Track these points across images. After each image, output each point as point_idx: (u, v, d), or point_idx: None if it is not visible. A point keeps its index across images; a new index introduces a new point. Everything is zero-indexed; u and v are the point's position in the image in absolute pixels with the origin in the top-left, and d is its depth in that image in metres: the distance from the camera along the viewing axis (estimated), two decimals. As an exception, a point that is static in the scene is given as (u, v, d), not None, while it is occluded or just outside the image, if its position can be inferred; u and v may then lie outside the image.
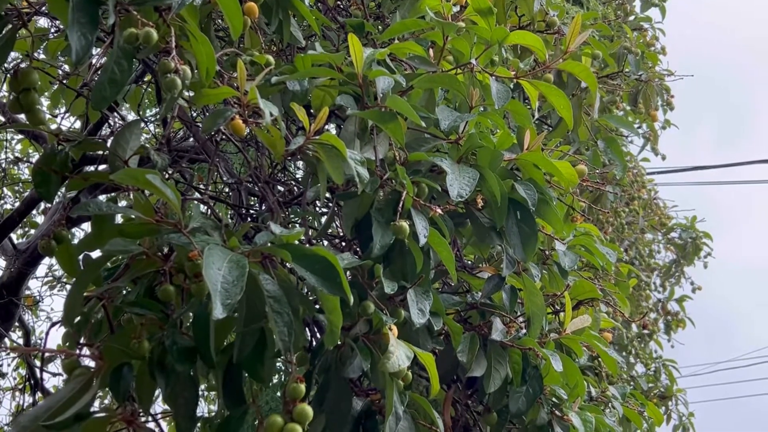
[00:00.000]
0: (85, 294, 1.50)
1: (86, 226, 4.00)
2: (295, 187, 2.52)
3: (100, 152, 2.20)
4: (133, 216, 1.44)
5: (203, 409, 4.75)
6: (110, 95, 1.38)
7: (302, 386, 1.39)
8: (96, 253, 1.54)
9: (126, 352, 1.40)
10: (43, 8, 1.71)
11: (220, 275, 1.25)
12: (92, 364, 1.42)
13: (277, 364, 3.18)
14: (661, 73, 3.99)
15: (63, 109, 2.83)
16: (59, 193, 1.73)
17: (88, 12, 1.32)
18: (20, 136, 4.92)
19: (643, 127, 4.66)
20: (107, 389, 1.42)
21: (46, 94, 3.14)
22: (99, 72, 1.40)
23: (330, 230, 2.40)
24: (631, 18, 4.74)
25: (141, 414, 1.45)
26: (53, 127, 2.86)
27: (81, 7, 1.32)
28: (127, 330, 1.43)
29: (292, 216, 2.35)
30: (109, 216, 1.54)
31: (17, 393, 4.71)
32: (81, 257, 1.54)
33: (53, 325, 1.65)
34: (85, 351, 1.44)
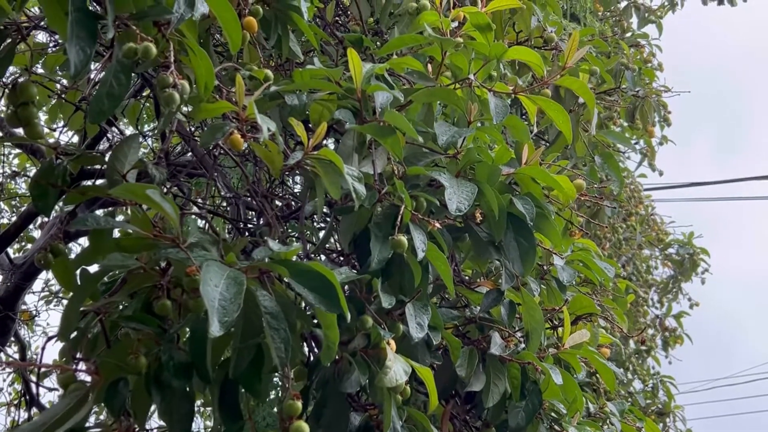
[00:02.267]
0: (82, 308, 1.49)
1: (84, 241, 3.99)
2: (293, 202, 2.52)
3: (99, 166, 2.19)
4: (130, 230, 1.44)
5: (199, 425, 4.71)
6: (108, 109, 1.38)
7: (298, 403, 1.38)
8: (93, 268, 1.53)
9: (122, 367, 1.39)
10: (42, 23, 1.71)
11: (217, 292, 1.24)
12: (88, 379, 1.41)
13: (275, 379, 3.16)
14: (658, 89, 4.00)
15: (61, 123, 2.83)
16: (57, 206, 1.72)
17: (86, 26, 1.32)
18: (17, 151, 4.92)
19: (640, 143, 4.68)
20: (103, 404, 1.42)
21: (44, 108, 3.14)
22: (97, 86, 1.40)
23: (328, 245, 2.40)
24: (628, 34, 4.77)
25: (136, 429, 1.44)
26: (52, 141, 2.86)
27: (80, 22, 1.32)
28: (124, 345, 1.42)
29: (291, 231, 2.35)
30: (107, 230, 1.53)
31: (12, 408, 4.67)
32: (78, 271, 1.54)
33: (49, 339, 1.64)
34: (82, 366, 1.44)
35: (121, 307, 1.56)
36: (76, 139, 3.32)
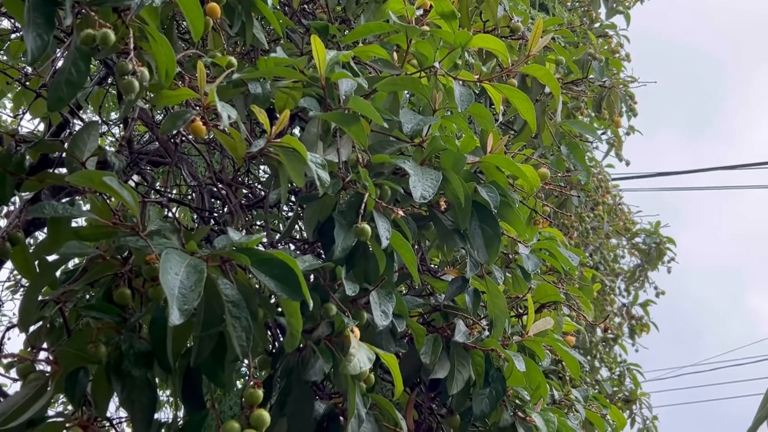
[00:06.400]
0: (40, 298, 1.48)
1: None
2: (260, 191, 2.51)
3: (61, 155, 2.16)
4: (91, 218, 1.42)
5: (168, 415, 4.68)
6: (67, 96, 1.36)
7: (260, 391, 1.37)
8: (54, 257, 1.51)
9: (82, 357, 1.38)
10: (2, 8, 1.68)
11: (177, 280, 1.23)
12: (49, 368, 1.39)
13: (242, 369, 3.15)
14: (625, 79, 4.03)
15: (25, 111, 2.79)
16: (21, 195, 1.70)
17: (44, 12, 1.30)
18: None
19: (607, 133, 4.72)
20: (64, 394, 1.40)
21: (9, 96, 3.10)
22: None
23: (294, 233, 2.39)
24: (597, 25, 4.80)
25: (97, 419, 1.43)
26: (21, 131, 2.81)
27: (37, 7, 1.30)
28: (84, 334, 1.41)
29: (256, 219, 2.34)
30: (66, 219, 1.52)
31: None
32: (37, 261, 1.52)
33: (9, 328, 1.62)
34: (42, 355, 1.42)
35: (87, 297, 1.55)
36: (42, 127, 3.27)
